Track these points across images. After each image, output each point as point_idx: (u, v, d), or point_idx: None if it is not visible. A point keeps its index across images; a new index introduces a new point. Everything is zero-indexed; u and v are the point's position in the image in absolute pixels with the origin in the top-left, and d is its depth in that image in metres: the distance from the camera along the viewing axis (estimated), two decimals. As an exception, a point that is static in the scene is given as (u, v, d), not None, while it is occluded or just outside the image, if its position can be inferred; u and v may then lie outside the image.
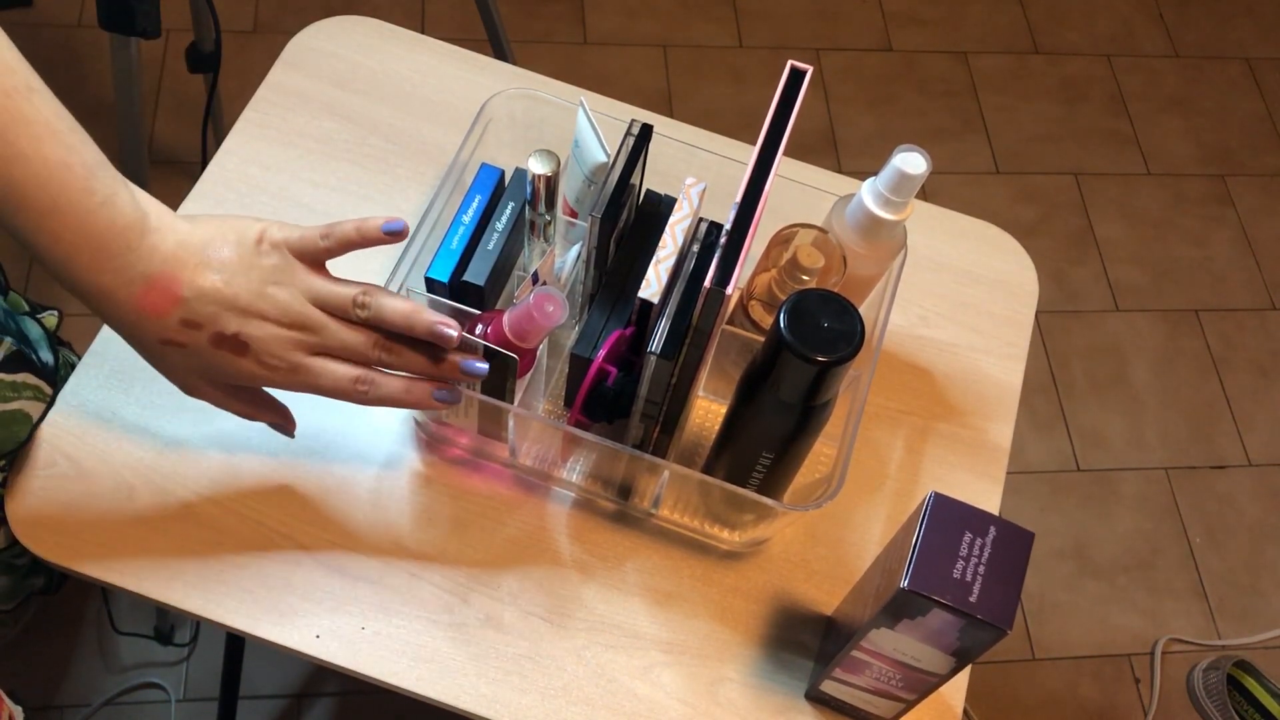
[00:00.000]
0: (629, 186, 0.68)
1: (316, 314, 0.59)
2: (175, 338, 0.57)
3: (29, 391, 0.70)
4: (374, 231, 0.60)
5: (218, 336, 0.57)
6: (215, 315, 0.57)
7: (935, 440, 0.81)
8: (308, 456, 0.74)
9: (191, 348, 0.57)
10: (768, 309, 0.73)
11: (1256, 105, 2.06)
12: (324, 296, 0.59)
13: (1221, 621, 1.56)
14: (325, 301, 0.59)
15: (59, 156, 0.51)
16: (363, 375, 0.60)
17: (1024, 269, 0.89)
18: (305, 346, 0.59)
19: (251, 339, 0.57)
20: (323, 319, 0.59)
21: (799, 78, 0.60)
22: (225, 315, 0.57)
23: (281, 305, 0.58)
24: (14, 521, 0.69)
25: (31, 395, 0.70)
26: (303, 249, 0.59)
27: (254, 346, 0.58)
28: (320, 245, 0.60)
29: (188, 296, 0.56)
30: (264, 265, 0.58)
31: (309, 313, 0.59)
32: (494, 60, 0.92)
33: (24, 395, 0.69)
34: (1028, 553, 0.56)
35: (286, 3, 1.88)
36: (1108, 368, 1.75)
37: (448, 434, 0.75)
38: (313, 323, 0.59)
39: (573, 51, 1.92)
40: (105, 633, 1.33)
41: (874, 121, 1.93)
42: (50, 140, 0.51)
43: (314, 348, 0.59)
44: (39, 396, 0.71)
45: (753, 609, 0.73)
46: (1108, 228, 1.88)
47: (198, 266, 0.56)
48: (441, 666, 0.68)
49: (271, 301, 0.58)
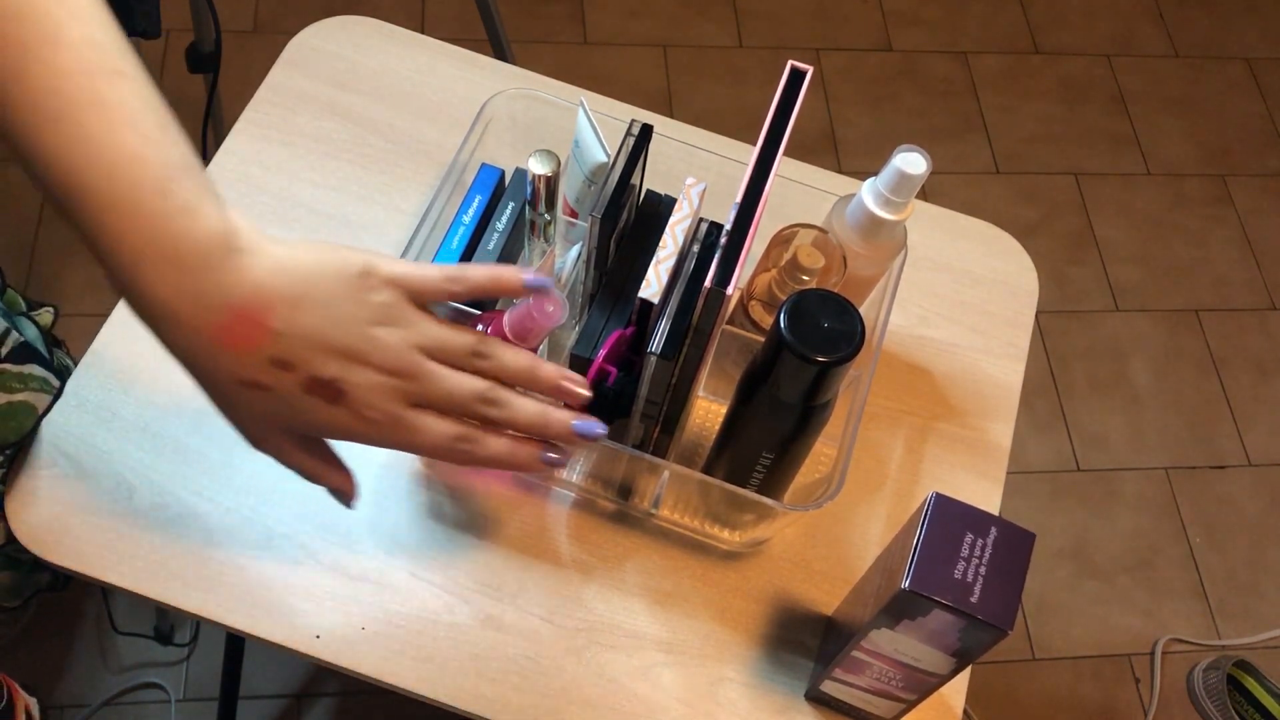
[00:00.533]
0: (629, 187, 0.68)
1: (425, 361, 0.51)
2: (259, 378, 0.49)
3: (35, 382, 0.69)
4: (513, 283, 0.53)
5: (311, 381, 0.49)
6: (311, 356, 0.49)
7: (935, 440, 0.81)
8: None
9: (277, 392, 0.49)
10: (768, 309, 0.73)
11: (1256, 105, 2.06)
12: (438, 342, 0.52)
13: (1221, 621, 1.56)
14: (438, 348, 0.52)
15: (132, 147, 0.45)
16: (466, 433, 0.53)
17: (1024, 269, 0.89)
18: (407, 397, 0.51)
19: (350, 386, 0.50)
20: (431, 367, 0.51)
21: (799, 78, 0.60)
22: (323, 357, 0.49)
23: (388, 350, 0.50)
24: (14, 521, 0.69)
25: (38, 386, 0.69)
26: (422, 290, 0.52)
27: (351, 395, 0.50)
28: (444, 289, 0.52)
29: (281, 331, 0.48)
30: (371, 302, 0.50)
31: (416, 360, 0.51)
32: (494, 60, 0.92)
33: (31, 386, 0.69)
34: (1029, 553, 0.56)
35: (286, 3, 1.88)
36: (1108, 368, 1.75)
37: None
38: (420, 371, 0.51)
39: (573, 51, 1.92)
40: (105, 633, 1.33)
41: (874, 121, 1.93)
42: (126, 128, 0.45)
43: (414, 398, 0.51)
44: (45, 388, 0.70)
45: (753, 609, 0.73)
46: (1108, 228, 1.88)
47: (296, 298, 0.48)
48: (441, 666, 0.68)
49: (377, 344, 0.50)
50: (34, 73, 0.43)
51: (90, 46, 0.45)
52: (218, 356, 0.48)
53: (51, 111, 0.44)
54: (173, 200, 0.46)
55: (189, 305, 0.47)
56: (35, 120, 0.44)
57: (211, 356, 0.48)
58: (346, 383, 0.50)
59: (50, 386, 0.70)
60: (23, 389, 0.68)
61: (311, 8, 1.86)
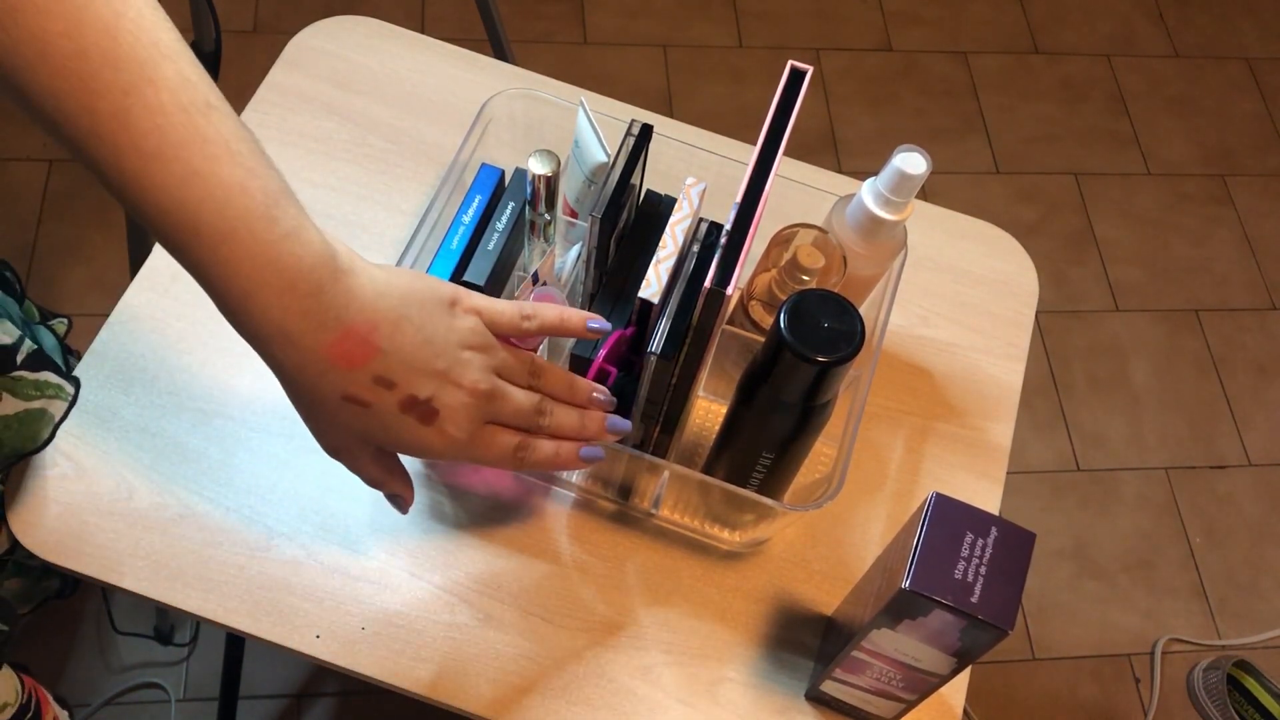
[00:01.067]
0: (629, 186, 0.68)
1: (501, 383, 0.56)
2: (362, 395, 0.51)
3: (52, 390, 0.69)
4: (578, 324, 0.60)
5: (409, 400, 0.52)
6: (411, 376, 0.52)
7: (935, 440, 0.81)
8: (308, 456, 0.74)
9: (376, 408, 0.52)
10: (768, 309, 0.73)
11: (1256, 105, 2.06)
12: (507, 365, 0.57)
13: (1221, 621, 1.56)
14: (508, 370, 0.57)
15: (237, 179, 0.47)
16: (523, 441, 0.58)
17: (1024, 269, 0.89)
18: (484, 414, 0.56)
19: (443, 407, 0.54)
20: (506, 388, 0.57)
21: (799, 78, 0.60)
22: (422, 378, 0.52)
23: (475, 373, 0.55)
24: (15, 522, 0.69)
25: (54, 394, 0.69)
26: (498, 322, 0.57)
27: (443, 415, 0.54)
28: (522, 326, 0.58)
29: (386, 350, 0.51)
30: (461, 329, 0.55)
31: (495, 382, 0.56)
32: (494, 60, 0.92)
33: (46, 394, 0.69)
34: (1029, 553, 0.56)
35: (286, 3, 1.88)
36: (1108, 368, 1.75)
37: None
38: (499, 392, 0.56)
39: (573, 51, 1.92)
40: (105, 633, 1.33)
41: (874, 121, 1.93)
42: (228, 160, 0.46)
43: (489, 416, 0.56)
44: (61, 395, 0.70)
45: (753, 609, 0.73)
46: (1108, 228, 1.88)
47: (398, 319, 0.51)
48: (441, 666, 0.68)
49: (466, 368, 0.54)
50: (135, 114, 0.44)
51: (183, 83, 0.46)
52: (328, 373, 0.50)
53: (155, 150, 0.45)
54: (279, 227, 0.48)
55: (302, 325, 0.49)
56: (140, 162, 0.45)
57: (321, 374, 0.50)
58: (439, 402, 0.53)
59: (65, 394, 0.70)
60: (39, 396, 0.68)
61: (311, 8, 1.86)
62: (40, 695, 0.88)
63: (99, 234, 1.60)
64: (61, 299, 1.55)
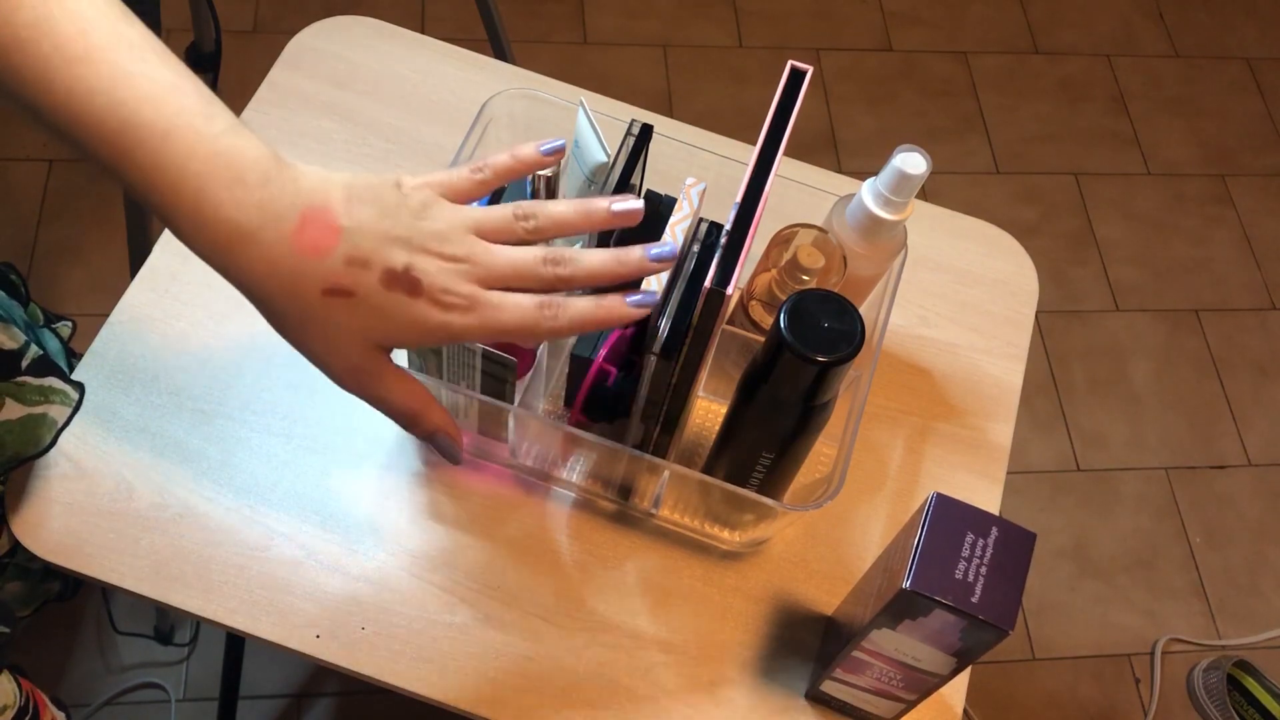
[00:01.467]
0: (629, 187, 0.68)
1: (478, 241, 0.52)
2: (342, 282, 0.49)
3: (56, 396, 0.69)
4: (532, 155, 0.56)
5: (389, 274, 0.50)
6: (379, 247, 0.50)
7: (935, 440, 0.81)
8: (308, 456, 0.74)
9: (361, 294, 0.50)
10: (768, 309, 0.73)
11: (1256, 105, 2.06)
12: (481, 221, 0.53)
13: (1221, 621, 1.56)
14: (483, 225, 0.53)
15: (168, 78, 0.46)
16: (548, 299, 0.53)
17: (1024, 269, 0.89)
18: (475, 278, 0.52)
19: (423, 273, 0.50)
20: (485, 245, 0.53)
21: (799, 78, 0.60)
22: (391, 247, 0.50)
23: (441, 235, 0.51)
24: (15, 522, 0.69)
25: (59, 400, 0.69)
26: (451, 185, 0.54)
27: (426, 283, 0.50)
28: (474, 179, 0.54)
29: (348, 226, 0.49)
30: (412, 202, 0.52)
31: (471, 240, 0.52)
32: (494, 60, 0.92)
33: (51, 399, 0.69)
34: (1029, 554, 0.56)
35: (286, 3, 1.88)
36: (1108, 368, 1.75)
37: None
38: (478, 249, 0.52)
39: (573, 51, 1.92)
40: (105, 633, 1.33)
41: (874, 121, 1.93)
42: (156, 60, 0.46)
43: (483, 279, 0.52)
44: (65, 401, 0.69)
45: (753, 609, 0.73)
46: (1108, 228, 1.88)
47: (348, 198, 0.50)
48: (441, 666, 0.68)
49: (431, 233, 0.51)
50: (56, 18, 0.44)
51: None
52: (301, 267, 0.48)
53: (82, 53, 0.44)
54: (218, 123, 0.47)
55: (260, 218, 0.47)
56: (67, 67, 0.44)
57: (295, 269, 0.48)
58: (418, 269, 0.50)
59: (69, 399, 0.70)
60: (43, 401, 0.68)
61: (311, 8, 1.86)
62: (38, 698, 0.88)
63: (99, 234, 1.60)
64: (61, 299, 1.55)
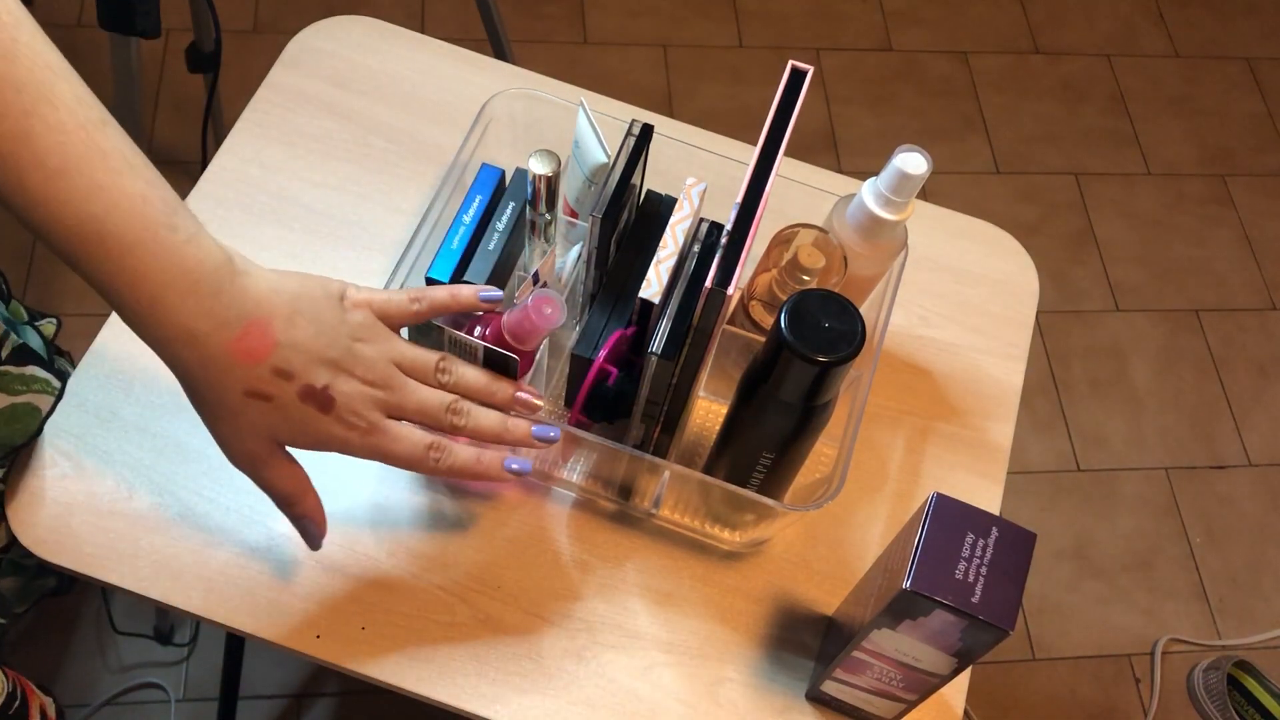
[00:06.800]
0: (629, 187, 0.68)
1: (398, 373, 0.58)
2: (264, 388, 0.54)
3: (38, 384, 0.70)
4: (470, 298, 0.61)
5: (307, 390, 0.55)
6: (307, 366, 0.54)
7: (936, 440, 0.81)
8: (307, 457, 0.73)
9: (277, 400, 0.54)
10: (768, 309, 0.73)
11: (1256, 105, 2.06)
12: (408, 358, 0.59)
13: (1221, 621, 1.56)
14: (408, 363, 0.59)
15: (139, 190, 0.49)
16: (436, 442, 0.59)
17: (1024, 269, 0.89)
18: (384, 406, 0.57)
19: (339, 394, 0.55)
20: (403, 378, 0.58)
21: (799, 78, 0.60)
22: (317, 367, 0.55)
23: (367, 362, 0.57)
24: (14, 522, 0.69)
25: (41, 388, 0.70)
26: (387, 311, 0.59)
27: (339, 403, 0.56)
28: (410, 309, 0.59)
29: (283, 342, 0.54)
30: (351, 321, 0.57)
31: (392, 372, 0.58)
32: (494, 60, 0.92)
33: (33, 388, 0.69)
34: (1030, 554, 0.56)
35: (286, 3, 1.88)
36: (1108, 368, 1.75)
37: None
38: (396, 383, 0.58)
39: (573, 51, 1.92)
40: (105, 633, 1.33)
41: (874, 121, 1.93)
42: (128, 173, 0.49)
43: (391, 409, 0.58)
44: (47, 389, 0.70)
45: (753, 609, 0.73)
46: (1108, 228, 1.88)
47: (291, 314, 0.54)
48: (441, 666, 0.68)
49: (359, 357, 0.56)
50: (37, 133, 0.46)
51: (78, 102, 0.48)
52: (231, 370, 0.53)
53: (59, 167, 0.47)
54: (180, 234, 0.50)
55: (207, 325, 0.51)
56: (44, 178, 0.47)
57: (225, 370, 0.53)
58: (335, 389, 0.55)
59: (52, 388, 0.71)
60: (25, 390, 0.69)
61: (311, 8, 1.86)
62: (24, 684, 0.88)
63: (99, 234, 1.60)
64: (61, 299, 1.55)
